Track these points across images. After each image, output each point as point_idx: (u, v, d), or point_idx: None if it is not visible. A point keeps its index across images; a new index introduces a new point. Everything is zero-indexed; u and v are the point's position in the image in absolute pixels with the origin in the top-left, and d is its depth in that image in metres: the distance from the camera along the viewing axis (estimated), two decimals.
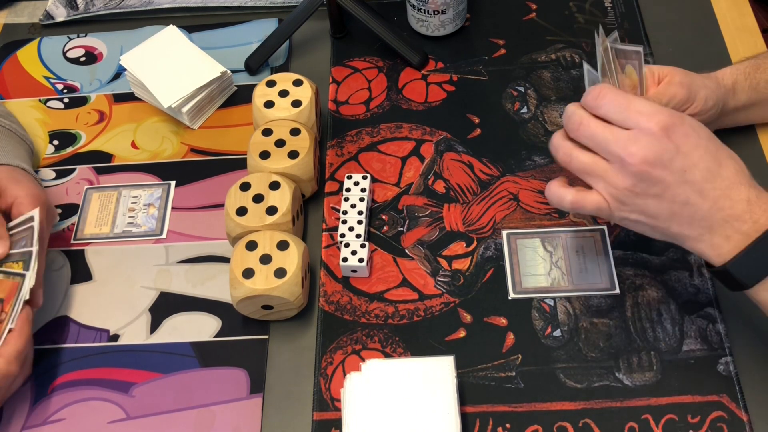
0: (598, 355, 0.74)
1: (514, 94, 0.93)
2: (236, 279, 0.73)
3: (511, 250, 0.81)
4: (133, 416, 0.74)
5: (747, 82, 0.79)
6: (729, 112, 0.80)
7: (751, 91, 0.80)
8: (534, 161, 0.87)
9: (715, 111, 0.77)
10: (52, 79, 0.99)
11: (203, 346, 0.78)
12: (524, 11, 1.01)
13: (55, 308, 0.81)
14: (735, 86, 0.79)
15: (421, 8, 0.95)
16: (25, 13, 1.07)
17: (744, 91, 0.79)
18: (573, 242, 0.81)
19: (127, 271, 0.83)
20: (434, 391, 0.69)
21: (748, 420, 0.70)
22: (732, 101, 0.79)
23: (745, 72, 0.79)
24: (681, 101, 0.74)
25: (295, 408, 0.73)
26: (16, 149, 0.85)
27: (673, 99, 0.74)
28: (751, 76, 0.79)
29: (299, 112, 0.84)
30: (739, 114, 0.82)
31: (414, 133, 0.91)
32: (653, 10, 0.99)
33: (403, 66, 0.97)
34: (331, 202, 0.86)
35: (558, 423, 0.71)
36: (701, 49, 0.95)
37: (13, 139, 0.86)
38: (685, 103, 0.75)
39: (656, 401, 0.71)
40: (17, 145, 0.86)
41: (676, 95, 0.74)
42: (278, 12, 1.04)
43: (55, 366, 0.77)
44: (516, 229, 0.82)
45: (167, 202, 0.88)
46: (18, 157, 0.83)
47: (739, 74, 0.79)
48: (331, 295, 0.80)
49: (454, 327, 0.77)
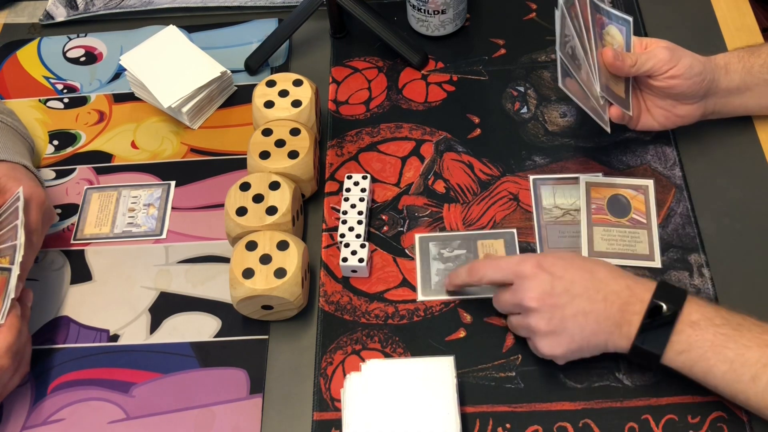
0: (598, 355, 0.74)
1: (514, 94, 0.93)
2: (236, 279, 0.73)
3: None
4: (132, 416, 0.74)
5: (740, 64, 0.80)
6: (722, 92, 0.81)
7: (745, 73, 0.80)
8: (534, 161, 0.87)
9: (701, 82, 0.78)
10: (52, 79, 0.99)
11: (203, 347, 0.77)
12: (524, 11, 1.01)
13: (54, 308, 0.81)
14: (727, 66, 0.80)
15: (421, 8, 0.95)
16: (25, 13, 1.07)
17: (737, 72, 0.80)
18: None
19: (127, 271, 0.83)
20: (434, 391, 0.69)
21: (748, 420, 0.70)
22: (724, 80, 0.80)
23: (738, 55, 0.81)
24: (663, 60, 0.76)
25: (295, 408, 0.73)
26: (18, 146, 0.85)
27: (654, 57, 0.76)
28: (745, 59, 0.80)
29: (299, 112, 0.84)
30: (734, 98, 0.82)
31: (414, 133, 0.91)
32: (653, 10, 0.99)
33: (403, 66, 0.97)
34: (331, 202, 0.86)
35: (558, 423, 0.71)
36: (701, 49, 0.94)
37: (15, 137, 0.86)
38: (668, 63, 0.76)
39: (656, 401, 0.71)
40: (18, 143, 0.86)
41: (658, 54, 0.76)
42: (278, 12, 1.04)
43: (54, 366, 0.77)
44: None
45: (167, 202, 0.88)
46: (19, 153, 0.83)
47: (732, 57, 0.81)
48: (331, 295, 0.80)
49: (454, 327, 0.77)
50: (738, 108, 0.83)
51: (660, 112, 0.81)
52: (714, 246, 0.79)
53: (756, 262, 0.78)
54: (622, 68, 0.76)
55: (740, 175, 0.84)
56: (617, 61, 0.75)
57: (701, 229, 0.81)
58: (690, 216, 0.82)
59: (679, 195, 0.83)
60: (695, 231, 0.81)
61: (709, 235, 0.80)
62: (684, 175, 0.84)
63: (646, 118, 0.82)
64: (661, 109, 0.81)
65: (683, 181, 0.84)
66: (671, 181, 0.84)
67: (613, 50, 0.75)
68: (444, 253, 0.81)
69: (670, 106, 0.80)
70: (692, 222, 0.81)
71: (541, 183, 0.85)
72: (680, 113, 0.81)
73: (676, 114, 0.81)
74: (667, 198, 0.83)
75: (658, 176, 0.84)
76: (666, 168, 0.85)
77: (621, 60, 0.75)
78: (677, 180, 0.84)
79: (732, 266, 0.78)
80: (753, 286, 0.77)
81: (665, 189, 0.84)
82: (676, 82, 0.77)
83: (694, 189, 0.84)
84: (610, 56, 0.75)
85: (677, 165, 0.85)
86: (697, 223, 0.81)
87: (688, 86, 0.78)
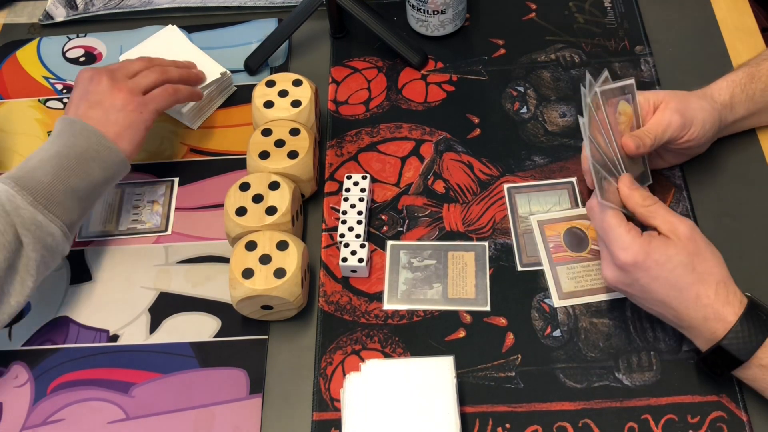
0: (597, 355, 0.74)
1: (514, 94, 0.93)
2: (236, 279, 0.73)
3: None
4: (132, 416, 0.74)
5: (744, 94, 0.80)
6: (728, 125, 0.81)
7: (748, 102, 0.80)
8: (534, 161, 0.87)
9: (714, 132, 0.79)
10: (52, 79, 0.99)
11: (203, 347, 0.77)
12: (524, 11, 1.01)
13: (54, 308, 0.81)
14: (732, 101, 0.79)
15: (420, 8, 0.95)
16: (24, 13, 1.07)
17: (741, 103, 0.80)
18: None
19: (127, 272, 0.83)
20: (434, 391, 0.69)
21: (748, 420, 0.70)
22: (730, 116, 0.80)
23: (741, 84, 0.80)
24: (677, 128, 0.75)
25: (295, 408, 0.73)
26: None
27: (670, 127, 0.75)
28: (747, 88, 0.80)
29: (299, 112, 0.84)
30: (737, 125, 0.83)
31: (414, 133, 0.91)
32: (653, 10, 0.99)
33: (403, 66, 0.97)
34: (330, 202, 0.86)
35: (558, 423, 0.71)
36: (701, 49, 0.94)
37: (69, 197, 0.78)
38: (683, 129, 0.76)
39: (656, 401, 0.71)
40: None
41: (672, 123, 0.75)
42: (278, 12, 1.04)
43: (54, 366, 0.77)
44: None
45: (171, 198, 0.88)
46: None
47: (735, 87, 0.79)
48: (330, 295, 0.80)
49: (453, 327, 0.77)
50: (738, 129, 0.84)
51: (670, 155, 0.82)
52: (714, 246, 0.79)
53: (756, 261, 0.78)
54: (645, 152, 0.75)
55: (740, 175, 0.84)
56: (640, 149, 0.73)
57: (701, 229, 0.81)
58: (690, 216, 0.82)
59: (678, 195, 0.83)
60: None
61: (709, 235, 0.80)
62: (684, 175, 0.84)
63: (657, 161, 0.82)
64: (672, 154, 0.82)
65: (683, 181, 0.84)
66: (671, 181, 0.84)
67: (632, 139, 0.73)
68: (414, 262, 0.81)
69: (681, 151, 0.81)
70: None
71: (516, 192, 0.85)
72: (690, 154, 0.83)
73: (686, 155, 0.82)
74: (666, 198, 0.83)
75: (658, 176, 0.84)
76: (666, 168, 0.85)
77: (643, 145, 0.73)
78: (677, 180, 0.84)
79: (732, 266, 0.77)
80: (753, 286, 0.76)
81: (665, 189, 0.84)
82: (692, 143, 0.77)
83: (694, 189, 0.84)
84: (633, 147, 0.73)
85: (677, 165, 0.85)
86: (697, 223, 0.81)
87: (703, 142, 0.79)
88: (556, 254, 0.80)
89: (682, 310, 0.67)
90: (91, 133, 0.77)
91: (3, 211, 0.70)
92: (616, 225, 0.68)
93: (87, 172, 0.76)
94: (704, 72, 0.83)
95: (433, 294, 0.79)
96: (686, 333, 0.70)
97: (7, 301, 0.72)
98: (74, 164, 0.75)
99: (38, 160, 0.75)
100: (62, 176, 0.74)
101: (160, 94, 0.83)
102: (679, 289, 0.67)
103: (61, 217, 0.74)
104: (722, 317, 0.66)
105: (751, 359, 0.65)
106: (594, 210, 0.71)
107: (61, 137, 0.77)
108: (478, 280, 0.79)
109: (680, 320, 0.68)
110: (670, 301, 0.67)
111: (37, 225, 0.72)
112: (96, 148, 0.77)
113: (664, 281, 0.67)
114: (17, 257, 0.71)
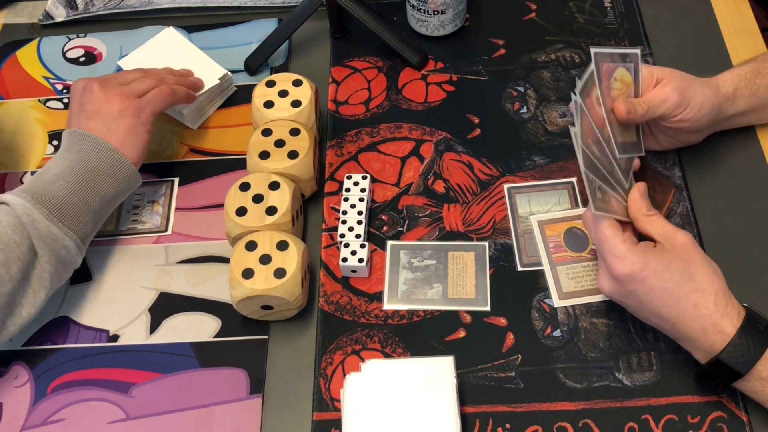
0: (597, 355, 0.74)
1: (514, 94, 0.93)
2: (236, 279, 0.73)
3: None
4: (132, 416, 0.74)
5: (747, 88, 0.79)
6: (727, 118, 0.81)
7: (750, 97, 0.80)
8: (534, 161, 0.87)
9: (710, 117, 0.78)
10: (52, 80, 0.99)
11: (203, 347, 0.77)
12: (524, 11, 1.01)
13: (55, 308, 0.81)
14: (735, 93, 0.79)
15: (420, 8, 0.95)
16: (24, 13, 1.07)
17: (744, 97, 0.80)
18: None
19: (127, 272, 0.83)
20: (434, 392, 0.69)
21: (748, 420, 0.70)
22: (731, 109, 0.80)
23: (746, 78, 0.79)
24: (673, 105, 0.75)
25: (295, 408, 0.73)
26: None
27: (666, 102, 0.75)
28: (752, 82, 0.79)
29: (299, 112, 0.84)
30: (737, 119, 0.82)
31: (414, 133, 0.91)
32: (653, 10, 0.99)
33: (403, 66, 0.97)
34: (330, 202, 0.86)
35: (558, 423, 0.71)
36: (701, 49, 0.94)
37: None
38: (678, 107, 0.75)
39: (656, 401, 0.71)
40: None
41: (668, 98, 0.75)
42: (278, 12, 1.04)
43: (54, 366, 0.77)
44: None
45: (171, 198, 0.88)
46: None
47: (740, 80, 0.79)
48: (330, 295, 0.80)
49: (453, 327, 0.77)
50: (739, 125, 0.84)
51: (664, 138, 0.82)
52: (714, 246, 0.79)
53: (756, 261, 0.78)
54: (635, 119, 0.74)
55: (740, 175, 0.84)
56: (630, 114, 0.73)
57: (701, 229, 0.81)
58: (690, 216, 0.82)
59: (678, 195, 0.83)
60: (695, 231, 0.81)
61: (709, 235, 0.80)
62: (684, 175, 0.84)
63: (650, 141, 0.82)
64: (666, 136, 0.81)
65: (683, 181, 0.84)
66: (671, 181, 0.84)
67: (624, 104, 0.73)
68: (414, 262, 0.81)
69: (675, 134, 0.81)
70: (692, 222, 0.81)
71: (516, 192, 0.85)
72: (684, 140, 0.82)
73: (680, 140, 0.82)
74: (666, 198, 0.83)
75: (658, 176, 0.84)
76: (665, 168, 0.85)
77: (634, 112, 0.73)
78: (677, 180, 0.84)
79: (732, 266, 0.77)
80: (753, 286, 0.77)
81: (665, 189, 0.84)
82: (685, 124, 0.77)
83: (693, 189, 0.84)
84: (624, 112, 0.73)
85: (677, 165, 0.85)
86: (697, 223, 0.81)
87: (697, 126, 0.78)
88: (556, 254, 0.80)
89: (680, 320, 0.66)
90: (102, 147, 0.78)
91: (20, 224, 0.72)
92: (611, 236, 0.68)
93: (99, 186, 0.77)
94: (704, 72, 0.82)
95: (433, 294, 0.79)
96: (684, 345, 0.69)
97: (19, 312, 0.73)
98: (87, 178, 0.77)
99: (52, 174, 0.76)
100: (76, 190, 0.76)
101: (157, 95, 0.84)
102: (677, 298, 0.66)
103: (75, 231, 0.75)
104: (720, 329, 0.65)
105: (750, 372, 0.65)
106: (589, 221, 0.71)
107: (71, 151, 0.78)
108: (478, 280, 0.79)
109: (678, 332, 0.68)
110: (668, 311, 0.67)
111: (53, 238, 0.73)
112: (107, 161, 0.78)
113: (661, 291, 0.66)
114: (31, 269, 0.72)
